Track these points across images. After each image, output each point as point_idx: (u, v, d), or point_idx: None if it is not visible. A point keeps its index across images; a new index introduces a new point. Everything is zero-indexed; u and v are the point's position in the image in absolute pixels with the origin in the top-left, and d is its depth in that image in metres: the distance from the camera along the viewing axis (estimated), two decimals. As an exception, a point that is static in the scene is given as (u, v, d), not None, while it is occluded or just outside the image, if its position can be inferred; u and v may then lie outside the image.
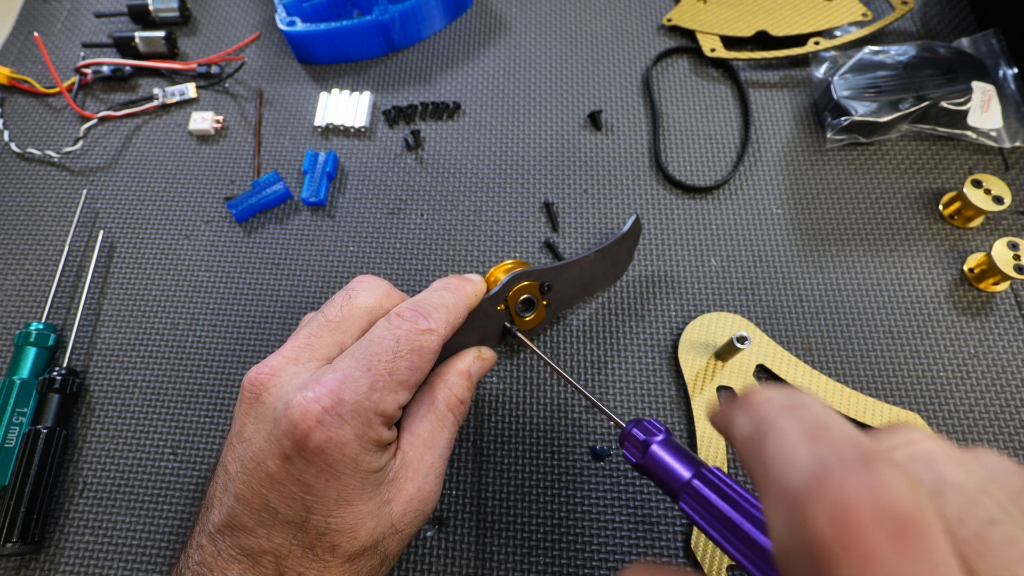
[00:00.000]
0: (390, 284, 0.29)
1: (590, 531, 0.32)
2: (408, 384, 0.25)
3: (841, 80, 0.42)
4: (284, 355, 0.26)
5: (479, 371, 0.30)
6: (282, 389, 0.25)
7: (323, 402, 0.23)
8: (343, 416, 0.23)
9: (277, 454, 0.23)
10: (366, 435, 0.24)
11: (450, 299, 0.28)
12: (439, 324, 0.27)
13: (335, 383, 0.24)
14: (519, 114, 0.45)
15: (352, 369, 0.24)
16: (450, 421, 0.28)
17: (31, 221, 0.42)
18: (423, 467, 0.27)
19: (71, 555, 0.33)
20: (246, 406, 0.25)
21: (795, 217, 0.41)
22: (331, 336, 0.27)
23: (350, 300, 0.28)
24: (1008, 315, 0.37)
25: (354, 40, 0.46)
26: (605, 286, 0.36)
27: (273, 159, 0.44)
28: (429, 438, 0.27)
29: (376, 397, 0.24)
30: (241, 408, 0.26)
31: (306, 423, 0.23)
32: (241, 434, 0.25)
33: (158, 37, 0.47)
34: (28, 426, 0.34)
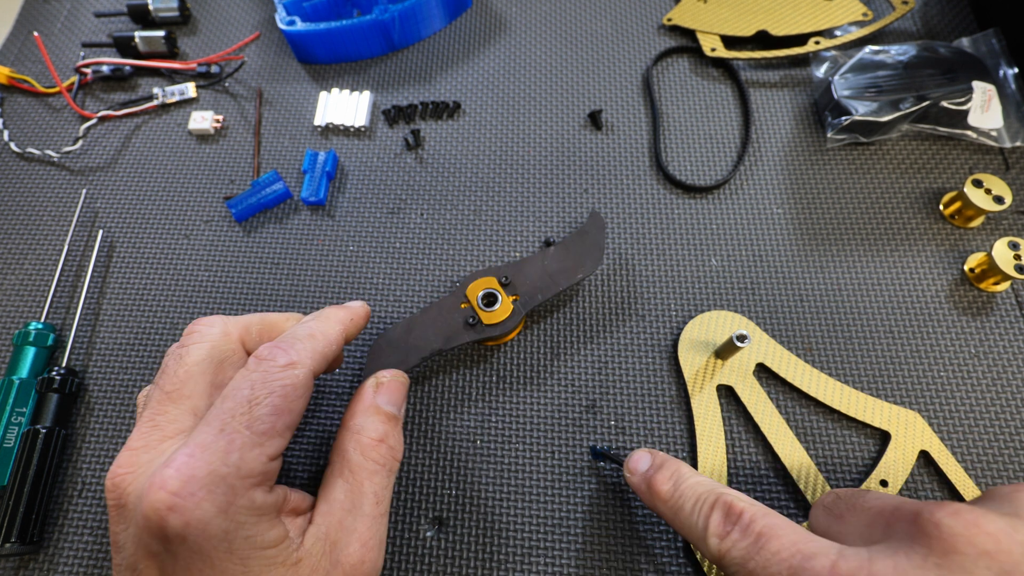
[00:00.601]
0: (225, 318, 0.27)
1: (590, 531, 0.32)
2: (275, 431, 0.22)
3: (841, 80, 0.42)
4: (132, 447, 0.23)
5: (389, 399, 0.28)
6: (138, 484, 0.22)
7: (170, 486, 0.20)
8: (196, 494, 0.20)
9: (144, 555, 0.21)
10: (233, 505, 0.21)
11: (316, 327, 0.26)
12: (302, 355, 0.24)
13: (183, 459, 0.21)
14: (519, 114, 0.45)
15: (204, 436, 0.22)
16: (370, 471, 0.25)
17: (31, 221, 0.42)
18: (344, 537, 0.24)
19: (70, 555, 0.33)
20: (114, 514, 0.23)
21: (795, 217, 0.41)
22: (175, 407, 0.24)
23: (182, 360, 0.25)
24: (1009, 315, 0.37)
25: (354, 40, 0.46)
26: (580, 275, 0.35)
27: (273, 159, 0.44)
28: (346, 500, 0.24)
29: (234, 459, 0.21)
30: (111, 518, 0.23)
31: (157, 514, 0.20)
32: (116, 545, 0.22)
33: (158, 37, 0.47)
34: (27, 426, 0.34)
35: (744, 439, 0.34)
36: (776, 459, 0.33)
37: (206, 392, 0.25)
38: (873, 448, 0.34)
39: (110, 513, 0.23)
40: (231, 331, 0.26)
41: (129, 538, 0.22)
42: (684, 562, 0.32)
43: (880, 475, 0.32)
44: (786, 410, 0.35)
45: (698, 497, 0.25)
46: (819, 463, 0.33)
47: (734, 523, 0.23)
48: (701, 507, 0.25)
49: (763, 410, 0.34)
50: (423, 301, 0.39)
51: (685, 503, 0.25)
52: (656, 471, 0.27)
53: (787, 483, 0.33)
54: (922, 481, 0.33)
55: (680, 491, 0.26)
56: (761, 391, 0.35)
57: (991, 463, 0.33)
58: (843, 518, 0.24)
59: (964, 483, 0.32)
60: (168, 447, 0.23)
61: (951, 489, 0.33)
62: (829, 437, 0.34)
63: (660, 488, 0.27)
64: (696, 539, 0.24)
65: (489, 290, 0.34)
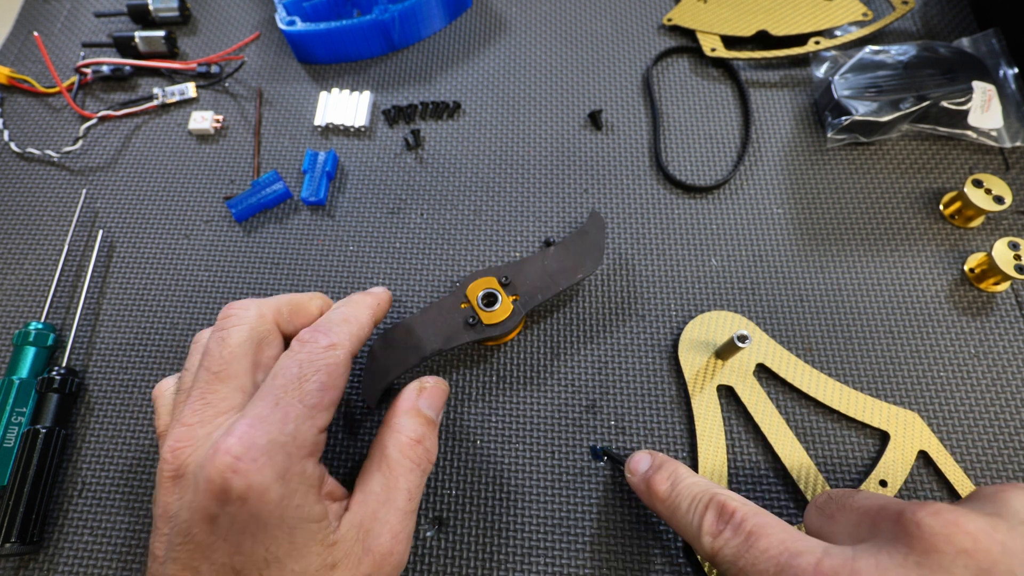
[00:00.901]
0: (257, 301, 0.28)
1: (590, 531, 0.32)
2: (322, 405, 0.25)
3: (841, 80, 0.42)
4: (187, 423, 0.25)
5: (430, 403, 0.29)
6: (198, 455, 0.24)
7: (234, 451, 0.22)
8: (258, 459, 0.22)
9: (202, 518, 0.22)
10: (289, 471, 0.23)
11: (349, 312, 0.28)
12: (341, 338, 0.26)
13: (244, 428, 0.23)
14: (519, 114, 0.45)
15: (260, 409, 0.23)
16: (406, 468, 0.26)
17: (31, 221, 0.42)
18: (376, 527, 0.25)
19: (70, 555, 0.33)
20: (169, 485, 0.24)
21: (795, 217, 0.41)
22: (223, 386, 0.25)
23: (225, 342, 0.26)
24: (1009, 315, 0.37)
25: (354, 40, 0.46)
26: (580, 275, 0.35)
27: (273, 159, 0.44)
28: (382, 493, 0.26)
29: (290, 429, 0.23)
30: (163, 490, 0.24)
31: (222, 476, 0.22)
32: (167, 515, 0.24)
33: (158, 37, 0.47)
34: (27, 426, 0.34)
35: (744, 439, 0.34)
36: (776, 459, 0.33)
37: (249, 371, 0.26)
38: (872, 448, 0.34)
39: (163, 486, 0.24)
40: (266, 312, 0.28)
41: (185, 505, 0.23)
42: (683, 562, 0.32)
43: (879, 475, 0.32)
44: (786, 410, 0.35)
45: (694, 497, 0.26)
46: (819, 463, 0.33)
47: (726, 522, 0.24)
48: (696, 506, 0.25)
49: (763, 410, 0.34)
50: (423, 301, 0.39)
51: (681, 502, 0.26)
52: (655, 471, 0.28)
53: (787, 483, 0.33)
54: (921, 481, 0.33)
55: (677, 491, 0.27)
56: (761, 391, 0.35)
57: (990, 463, 0.33)
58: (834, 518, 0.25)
59: (963, 483, 0.32)
60: (222, 422, 0.24)
61: (950, 489, 0.33)
62: (829, 437, 0.34)
63: (658, 488, 0.27)
64: (691, 537, 0.25)
65: (489, 290, 0.34)
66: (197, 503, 0.22)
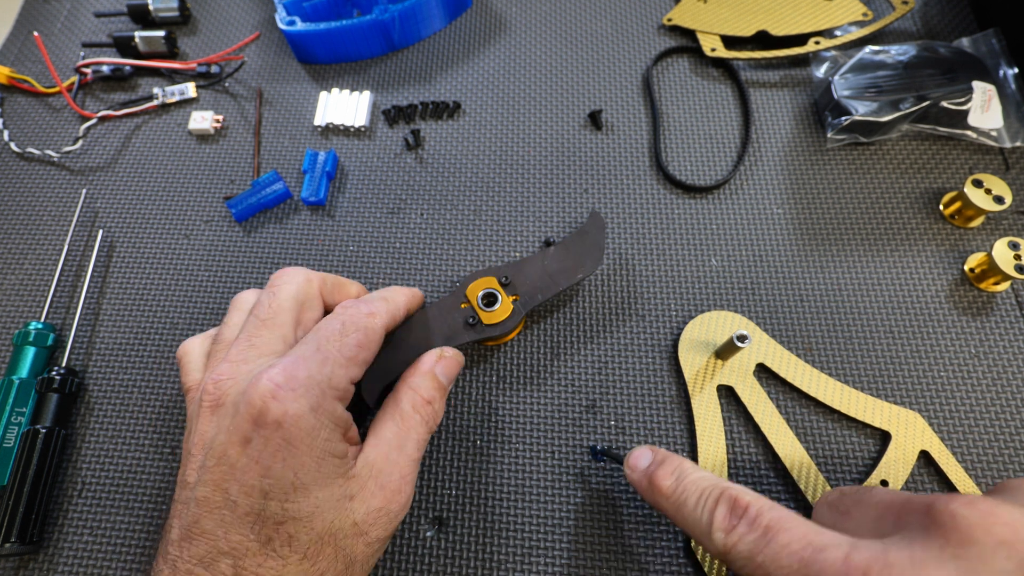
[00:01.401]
0: (307, 269, 0.31)
1: (590, 531, 0.32)
2: (357, 360, 0.27)
3: (841, 80, 0.42)
4: (232, 360, 0.27)
5: (445, 371, 0.31)
6: (239, 386, 0.26)
7: (276, 379, 0.24)
8: (296, 390, 0.24)
9: (237, 440, 0.24)
10: (321, 407, 0.25)
11: (387, 294, 0.31)
12: (380, 309, 0.29)
13: (287, 363, 0.25)
14: (519, 114, 0.45)
15: (303, 350, 0.26)
16: (416, 422, 0.28)
17: (31, 221, 0.42)
18: (388, 468, 0.27)
19: (70, 555, 0.33)
20: (208, 413, 0.26)
21: (795, 217, 0.41)
22: (269, 332, 0.28)
23: (275, 296, 0.29)
24: (1009, 315, 0.37)
25: (354, 40, 0.46)
26: (581, 273, 0.35)
27: (273, 159, 0.44)
28: (394, 439, 0.28)
29: (327, 371, 0.25)
30: (202, 418, 0.26)
31: (262, 400, 0.24)
32: (203, 441, 0.26)
33: (158, 37, 0.47)
34: (27, 426, 0.34)
35: (744, 439, 0.34)
36: (776, 459, 0.33)
37: (292, 324, 0.29)
38: (873, 448, 0.34)
39: (202, 416, 0.26)
40: (312, 279, 0.31)
41: (223, 428, 0.25)
42: (684, 562, 0.31)
43: (880, 475, 0.32)
44: (786, 410, 0.35)
45: (702, 492, 0.25)
46: (819, 463, 0.33)
47: (740, 516, 0.23)
48: (705, 501, 0.24)
49: (763, 410, 0.34)
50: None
51: (689, 498, 0.25)
52: (658, 467, 0.27)
53: (787, 483, 0.33)
54: (922, 481, 0.33)
55: (683, 486, 0.26)
56: (761, 391, 0.35)
57: (991, 463, 0.33)
58: (849, 514, 0.24)
59: (964, 483, 0.32)
60: (264, 362, 0.26)
61: (951, 489, 0.33)
62: (829, 437, 0.34)
63: (662, 483, 0.27)
64: (700, 534, 0.24)
65: (489, 290, 0.34)
66: (235, 425, 0.24)
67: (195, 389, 0.28)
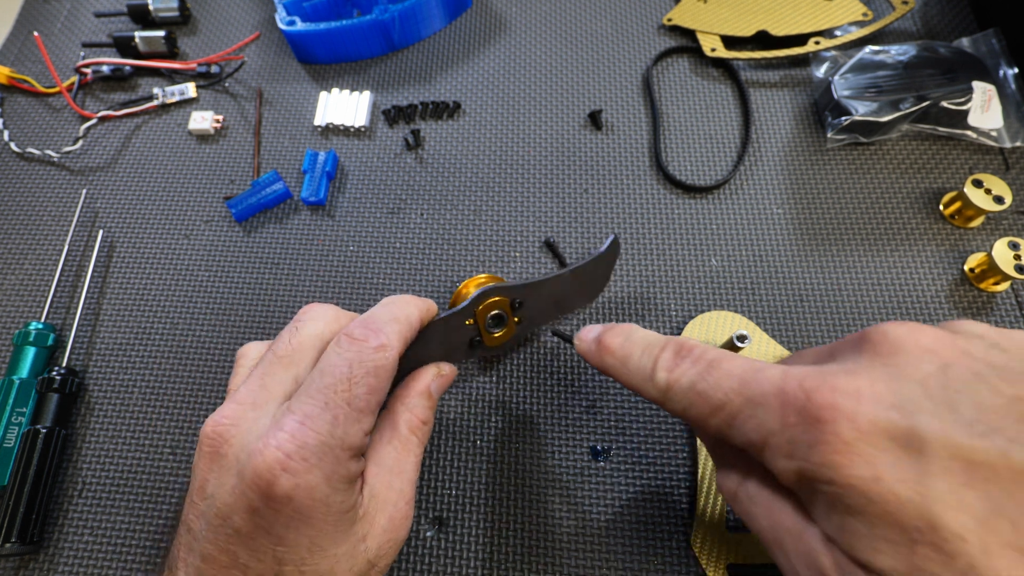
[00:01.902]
0: (337, 308, 0.28)
1: (590, 531, 0.32)
2: (369, 409, 0.25)
3: (841, 80, 0.42)
4: (239, 401, 0.25)
5: (439, 388, 0.30)
6: (243, 439, 0.24)
7: (285, 448, 0.22)
8: (308, 460, 0.22)
9: (243, 508, 0.22)
10: (335, 474, 0.23)
11: (399, 311, 0.27)
12: (391, 338, 0.26)
13: (295, 426, 0.23)
14: (519, 114, 0.45)
15: (310, 407, 0.23)
16: (414, 444, 0.28)
17: (31, 221, 0.42)
18: (392, 495, 0.26)
19: (70, 555, 0.33)
20: (207, 460, 0.24)
21: (795, 217, 0.41)
22: (284, 372, 0.25)
23: (297, 332, 0.27)
24: (1009, 315, 0.37)
25: (354, 40, 0.46)
26: (579, 305, 0.35)
27: (273, 159, 0.44)
28: (395, 465, 0.27)
29: (340, 432, 0.23)
30: (201, 463, 0.24)
31: (271, 472, 0.22)
32: (203, 491, 0.24)
33: (158, 37, 0.47)
34: (27, 426, 0.34)
35: (744, 439, 0.34)
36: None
37: (311, 365, 0.26)
38: (873, 448, 0.34)
39: (202, 458, 0.24)
40: (341, 319, 0.28)
41: (226, 489, 0.23)
42: (686, 561, 0.32)
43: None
44: (786, 410, 0.35)
45: (649, 343, 0.25)
46: (819, 463, 0.33)
47: (685, 357, 0.23)
48: (652, 350, 0.24)
49: (763, 410, 0.34)
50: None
51: (635, 350, 0.25)
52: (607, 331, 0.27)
53: (787, 483, 0.33)
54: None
55: (631, 341, 0.26)
56: (761, 391, 0.35)
57: (991, 463, 0.33)
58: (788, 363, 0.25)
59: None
60: (271, 409, 0.25)
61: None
62: (829, 437, 0.34)
63: (610, 342, 0.26)
64: (642, 380, 0.24)
65: (500, 312, 0.32)
66: (240, 491, 0.23)
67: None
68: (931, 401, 0.18)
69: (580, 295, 0.35)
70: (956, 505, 0.16)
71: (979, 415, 0.17)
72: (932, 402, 0.18)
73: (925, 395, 0.18)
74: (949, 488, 0.16)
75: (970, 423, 0.17)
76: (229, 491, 0.23)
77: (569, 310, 0.34)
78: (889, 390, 0.18)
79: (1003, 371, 0.18)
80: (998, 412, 0.17)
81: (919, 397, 0.18)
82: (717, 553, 0.31)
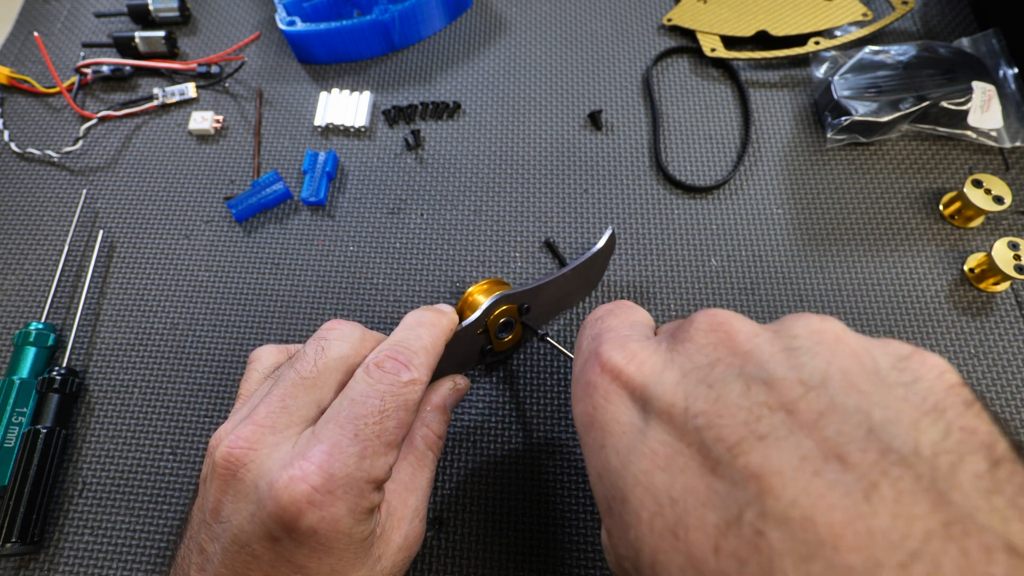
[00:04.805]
0: (363, 327, 0.28)
1: (590, 531, 0.32)
2: (396, 443, 0.24)
3: (841, 80, 0.42)
4: (259, 423, 0.23)
5: (454, 402, 0.30)
6: (263, 465, 0.23)
7: (312, 481, 0.21)
8: (335, 493, 0.22)
9: (263, 536, 0.22)
10: (359, 507, 0.22)
11: (427, 338, 0.27)
12: (421, 371, 0.25)
13: (323, 457, 0.22)
14: (519, 114, 0.45)
15: (339, 437, 0.23)
16: (430, 459, 0.28)
17: (31, 221, 0.42)
18: (407, 513, 0.26)
19: (71, 555, 0.33)
20: (220, 483, 0.23)
21: (795, 217, 0.41)
22: (307, 395, 0.24)
23: (324, 352, 0.26)
24: (1008, 315, 0.37)
25: (354, 40, 0.46)
26: (579, 299, 0.36)
27: (273, 159, 0.44)
28: (411, 481, 0.27)
29: (367, 465, 0.23)
30: (214, 484, 0.23)
31: (296, 506, 0.21)
32: (217, 513, 0.23)
33: (158, 37, 0.47)
34: (28, 426, 0.34)
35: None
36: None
37: (334, 389, 0.25)
38: (873, 448, 0.34)
39: (215, 479, 0.23)
40: (368, 341, 0.27)
41: (244, 516, 0.22)
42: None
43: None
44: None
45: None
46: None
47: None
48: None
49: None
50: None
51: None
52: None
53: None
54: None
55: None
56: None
57: (991, 463, 0.33)
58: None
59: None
60: (291, 434, 0.24)
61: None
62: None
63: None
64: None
65: (509, 319, 0.32)
66: (260, 520, 0.22)
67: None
68: (683, 380, 0.19)
69: (580, 289, 0.35)
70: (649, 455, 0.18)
71: (711, 405, 0.18)
72: (683, 381, 0.19)
73: (680, 376, 0.19)
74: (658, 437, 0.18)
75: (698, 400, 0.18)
76: (248, 518, 0.22)
77: (570, 305, 0.34)
78: (655, 366, 0.20)
79: (771, 379, 0.17)
80: (732, 407, 0.17)
81: (675, 376, 0.19)
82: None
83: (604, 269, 0.36)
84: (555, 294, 0.33)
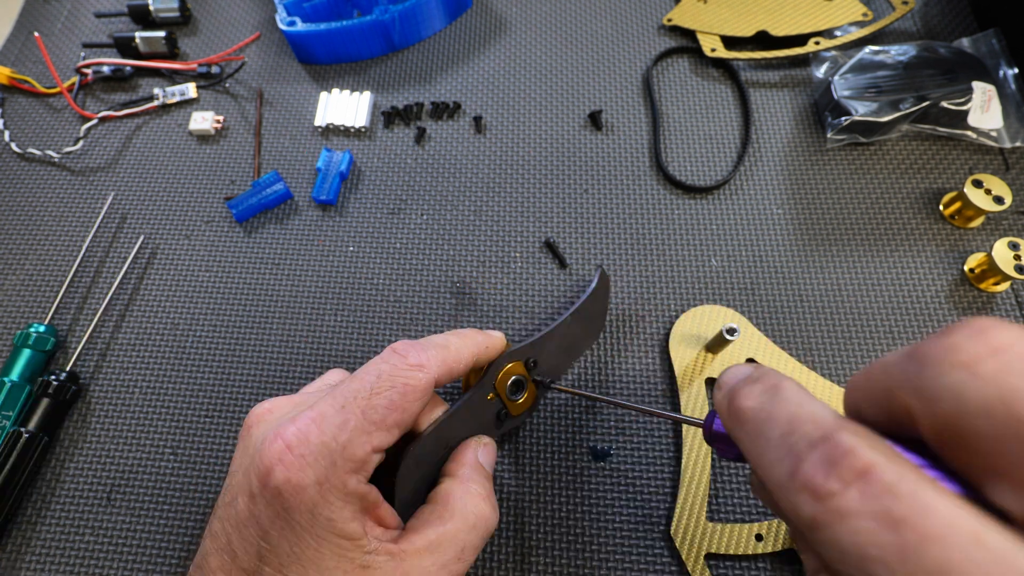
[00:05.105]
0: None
1: (590, 531, 0.32)
2: (384, 424, 0.23)
3: (841, 80, 0.42)
4: (289, 397, 0.26)
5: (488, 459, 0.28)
6: (268, 424, 0.24)
7: (287, 439, 0.22)
8: (304, 457, 0.22)
9: (246, 491, 0.22)
10: (328, 481, 0.22)
11: (454, 341, 0.27)
12: (432, 361, 0.25)
13: (305, 422, 0.22)
14: (519, 114, 0.45)
15: (326, 407, 0.23)
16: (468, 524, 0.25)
17: (31, 221, 0.42)
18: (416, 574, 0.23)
19: (71, 555, 0.33)
20: (240, 438, 0.25)
21: (795, 217, 0.41)
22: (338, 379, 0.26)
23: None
24: (1008, 315, 0.37)
25: (354, 40, 0.46)
26: (587, 346, 0.36)
27: (273, 159, 0.44)
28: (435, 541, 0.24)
29: (344, 438, 0.22)
30: (241, 438, 0.25)
31: (268, 461, 0.22)
32: (232, 465, 0.25)
33: (158, 37, 0.47)
34: (12, 428, 0.34)
35: (744, 439, 0.34)
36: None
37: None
38: (873, 448, 0.34)
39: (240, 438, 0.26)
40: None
41: (241, 468, 0.24)
42: (662, 552, 0.32)
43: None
44: (786, 410, 0.35)
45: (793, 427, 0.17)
46: (819, 463, 0.33)
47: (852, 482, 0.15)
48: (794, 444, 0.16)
49: (763, 410, 0.34)
50: (423, 302, 0.39)
51: (772, 433, 0.17)
52: (744, 383, 0.20)
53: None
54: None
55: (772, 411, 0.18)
56: (761, 391, 0.35)
57: (991, 463, 0.33)
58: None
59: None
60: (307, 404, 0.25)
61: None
62: (829, 437, 0.34)
63: (744, 403, 0.19)
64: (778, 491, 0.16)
65: (518, 378, 0.31)
66: (247, 474, 0.23)
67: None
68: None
69: (586, 335, 0.35)
70: None
71: None
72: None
73: None
74: None
75: None
76: (243, 471, 0.23)
77: (579, 354, 0.34)
78: None
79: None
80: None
81: None
82: (697, 544, 0.31)
83: (606, 311, 0.36)
84: (560, 344, 0.33)
